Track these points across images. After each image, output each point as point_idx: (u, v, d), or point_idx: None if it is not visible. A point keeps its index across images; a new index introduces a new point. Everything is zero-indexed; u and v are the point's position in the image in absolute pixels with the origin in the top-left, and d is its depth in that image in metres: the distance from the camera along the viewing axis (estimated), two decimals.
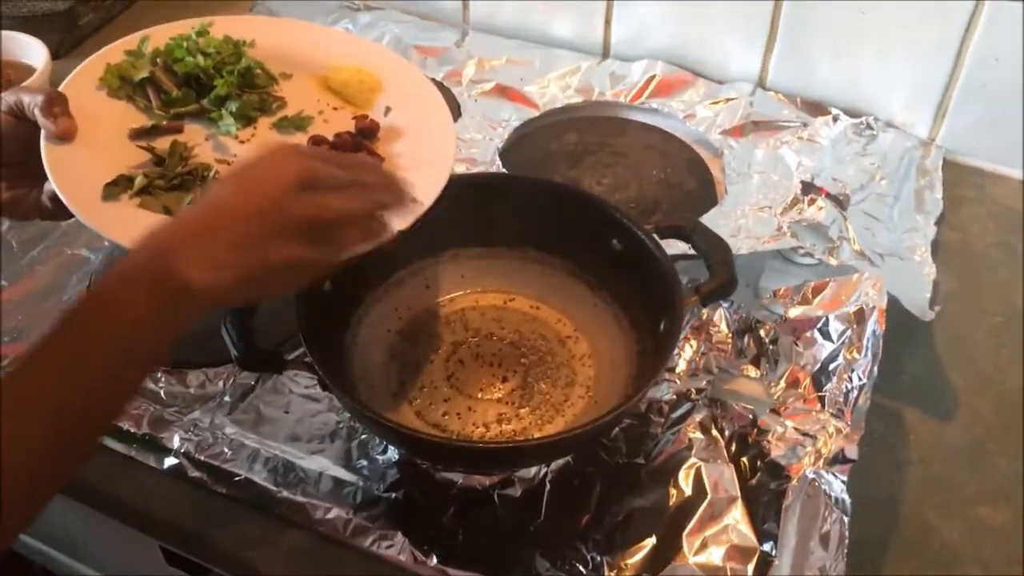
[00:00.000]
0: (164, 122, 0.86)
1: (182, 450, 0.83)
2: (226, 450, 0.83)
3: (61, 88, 0.83)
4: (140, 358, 0.61)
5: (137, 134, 0.85)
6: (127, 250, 0.64)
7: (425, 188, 0.80)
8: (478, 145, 1.14)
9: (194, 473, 0.82)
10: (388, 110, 0.91)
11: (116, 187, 0.79)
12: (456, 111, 1.19)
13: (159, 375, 0.89)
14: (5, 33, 1.16)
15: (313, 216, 0.65)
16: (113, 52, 0.89)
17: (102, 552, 1.07)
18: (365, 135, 0.87)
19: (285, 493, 0.80)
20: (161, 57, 0.90)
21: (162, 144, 0.85)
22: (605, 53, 1.29)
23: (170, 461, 0.83)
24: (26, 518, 0.56)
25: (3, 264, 1.01)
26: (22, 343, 0.92)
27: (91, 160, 0.80)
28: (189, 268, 0.60)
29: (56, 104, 0.78)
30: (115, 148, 0.83)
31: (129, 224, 0.76)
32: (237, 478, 0.81)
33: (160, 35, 0.91)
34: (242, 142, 0.87)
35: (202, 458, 0.83)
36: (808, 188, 1.04)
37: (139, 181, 0.79)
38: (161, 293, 0.60)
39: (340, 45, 0.97)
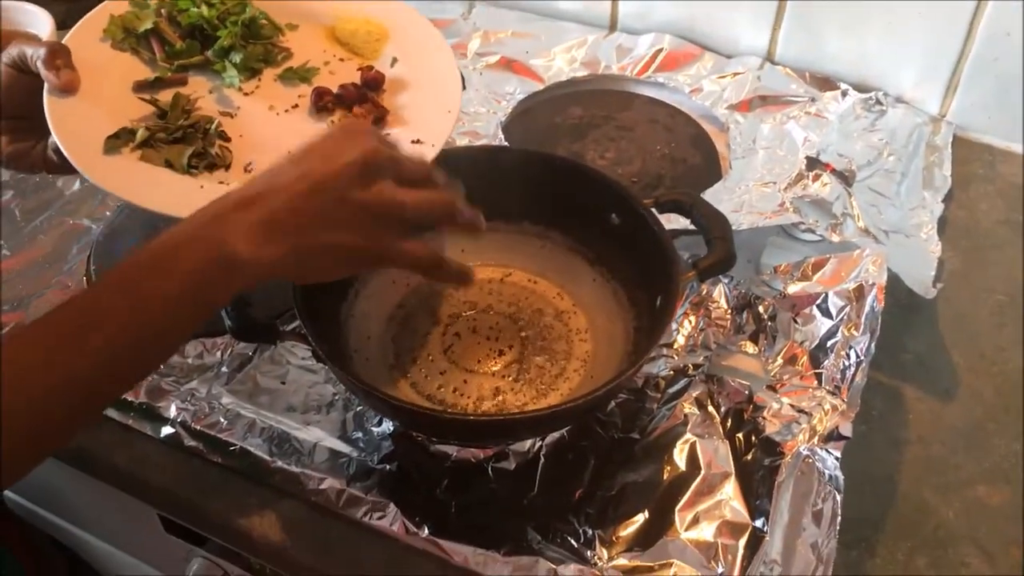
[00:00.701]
0: (168, 74, 0.86)
1: (179, 419, 0.84)
2: (222, 420, 0.83)
3: (65, 40, 0.83)
4: (180, 320, 0.61)
5: (140, 86, 0.85)
6: (128, 217, 0.64)
7: (427, 140, 0.81)
8: (482, 118, 1.13)
9: (190, 442, 0.83)
10: (395, 61, 0.90)
11: (118, 140, 0.79)
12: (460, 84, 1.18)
13: None
14: (11, 3, 1.16)
15: (372, 203, 0.64)
16: (118, 2, 0.89)
17: (104, 520, 1.08)
18: (370, 87, 0.87)
19: (280, 463, 0.80)
20: (166, 7, 0.89)
21: (165, 96, 0.85)
22: (612, 26, 1.28)
23: (167, 430, 0.83)
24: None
25: (5, 233, 1.01)
26: (22, 312, 0.93)
27: (94, 113, 0.80)
28: (238, 240, 0.60)
29: (59, 56, 0.79)
30: (118, 101, 0.83)
31: (129, 178, 0.77)
32: (232, 448, 0.82)
33: None
34: (246, 94, 0.87)
35: (198, 428, 0.83)
36: (813, 164, 1.03)
37: (141, 134, 0.79)
38: (209, 260, 0.60)
39: None
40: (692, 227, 0.86)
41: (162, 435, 0.83)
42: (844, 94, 1.15)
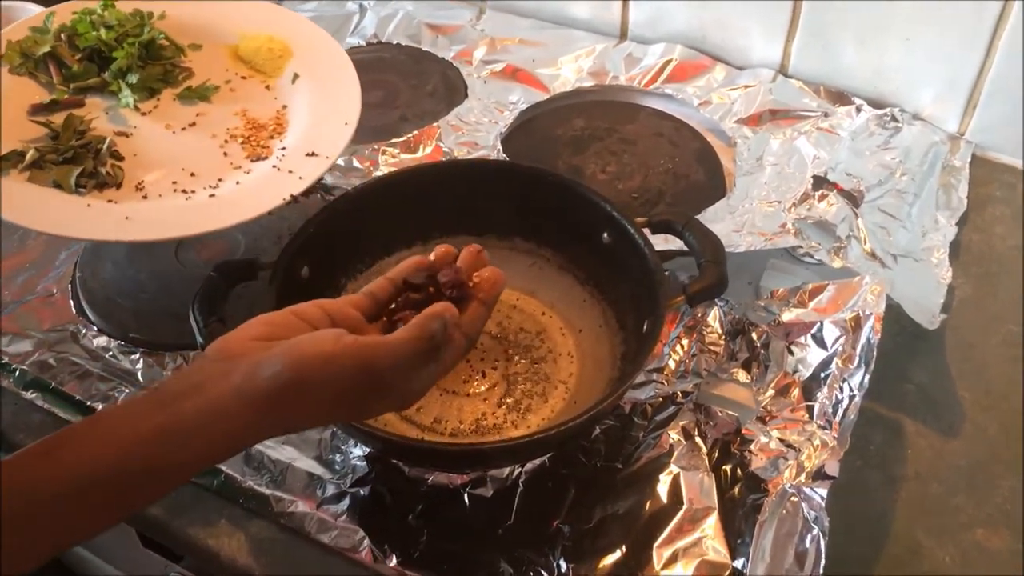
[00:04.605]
0: (65, 96, 0.88)
1: None
2: None
3: None
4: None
5: (36, 109, 0.87)
6: None
7: (322, 152, 0.84)
8: (482, 128, 1.10)
9: None
10: (296, 77, 0.93)
11: (7, 162, 0.81)
12: (463, 92, 1.16)
13: (136, 356, 0.88)
14: (11, 3, 1.16)
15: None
16: (18, 29, 0.91)
17: None
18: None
19: (251, 483, 0.79)
20: (66, 32, 0.91)
21: (60, 119, 0.86)
22: (623, 35, 1.25)
23: None
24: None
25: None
26: (9, 314, 0.92)
27: None
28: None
29: None
30: (14, 125, 0.85)
31: (15, 199, 0.79)
32: None
33: (66, 10, 0.93)
34: (143, 114, 0.90)
35: None
36: (820, 183, 0.99)
37: (31, 155, 0.81)
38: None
39: (253, 13, 0.98)
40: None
41: None
42: (859, 110, 1.11)
